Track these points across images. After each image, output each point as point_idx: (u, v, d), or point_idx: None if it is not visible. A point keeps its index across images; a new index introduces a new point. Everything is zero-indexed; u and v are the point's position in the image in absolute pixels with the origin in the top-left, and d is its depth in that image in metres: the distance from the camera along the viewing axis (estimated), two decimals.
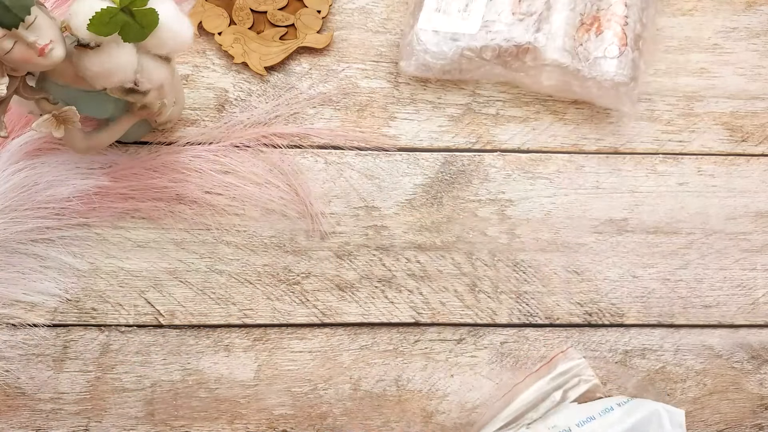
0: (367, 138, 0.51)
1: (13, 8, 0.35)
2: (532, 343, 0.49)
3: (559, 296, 0.49)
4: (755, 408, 0.49)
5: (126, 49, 0.39)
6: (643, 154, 0.52)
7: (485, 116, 0.52)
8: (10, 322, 0.48)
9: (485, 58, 0.50)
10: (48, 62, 0.38)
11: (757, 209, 0.51)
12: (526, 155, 0.52)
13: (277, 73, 0.53)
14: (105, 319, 0.48)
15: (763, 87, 0.53)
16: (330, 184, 0.51)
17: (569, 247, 0.50)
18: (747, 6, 0.54)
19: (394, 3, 0.54)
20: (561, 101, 0.52)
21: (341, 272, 0.49)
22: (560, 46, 0.49)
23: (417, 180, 0.51)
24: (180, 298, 0.49)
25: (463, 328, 0.49)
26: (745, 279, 0.50)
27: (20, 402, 0.47)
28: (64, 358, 0.48)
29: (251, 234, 0.50)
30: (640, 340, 0.49)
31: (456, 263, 0.50)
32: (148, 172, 0.49)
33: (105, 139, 0.46)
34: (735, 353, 0.49)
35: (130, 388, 0.48)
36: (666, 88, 0.53)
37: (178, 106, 0.49)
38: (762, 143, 0.52)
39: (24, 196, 0.48)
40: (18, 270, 0.48)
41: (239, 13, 0.53)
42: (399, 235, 0.50)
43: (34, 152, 0.49)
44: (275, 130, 0.51)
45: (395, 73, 0.53)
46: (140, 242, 0.49)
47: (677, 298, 0.50)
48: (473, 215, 0.50)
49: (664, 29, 0.54)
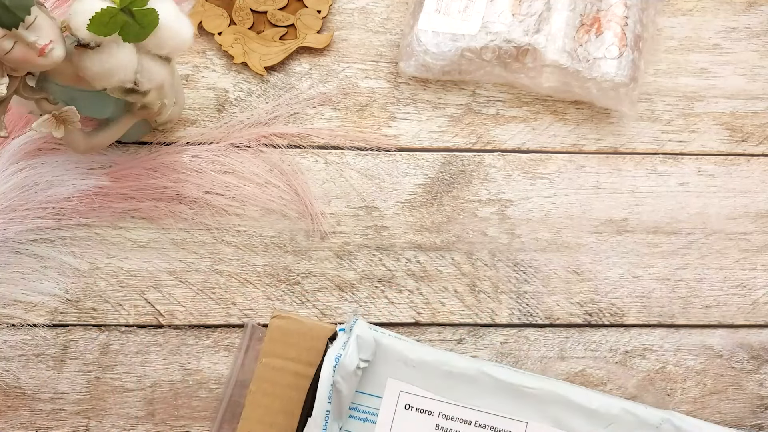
0: (367, 138, 0.51)
1: (13, 8, 0.35)
2: (532, 343, 0.49)
3: (559, 296, 0.49)
4: (755, 408, 0.49)
5: (126, 49, 0.39)
6: (643, 154, 0.52)
7: (485, 116, 0.52)
8: (10, 322, 0.48)
9: (485, 59, 0.50)
10: (48, 62, 0.38)
11: (757, 209, 0.51)
12: (526, 155, 0.52)
13: (277, 73, 0.53)
14: (105, 319, 0.48)
15: (763, 87, 0.53)
16: (330, 184, 0.51)
17: (569, 247, 0.50)
18: (747, 6, 0.54)
19: (394, 3, 0.54)
20: (561, 101, 0.52)
21: (341, 272, 0.49)
22: (560, 47, 0.49)
23: (417, 180, 0.51)
24: (180, 298, 0.49)
25: (463, 328, 0.49)
26: (745, 279, 0.50)
27: (20, 402, 0.47)
28: (64, 358, 0.48)
29: (251, 234, 0.50)
30: (640, 340, 0.49)
31: (456, 263, 0.50)
32: (148, 172, 0.49)
33: (105, 139, 0.46)
34: (735, 353, 0.49)
35: (130, 388, 0.48)
36: (666, 88, 0.53)
37: (178, 106, 0.49)
38: (762, 143, 0.52)
39: (24, 196, 0.48)
40: (18, 270, 0.48)
41: (239, 13, 0.53)
42: (399, 235, 0.50)
43: (34, 152, 0.49)
44: (275, 130, 0.51)
45: (395, 73, 0.53)
46: (140, 242, 0.49)
47: (677, 298, 0.50)
48: (473, 215, 0.50)
49: (664, 29, 0.54)
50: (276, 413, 0.43)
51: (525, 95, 0.52)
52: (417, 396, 0.43)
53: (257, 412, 0.43)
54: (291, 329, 0.44)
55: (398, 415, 0.43)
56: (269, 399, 0.43)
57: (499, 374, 0.43)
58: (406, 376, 0.43)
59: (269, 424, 0.43)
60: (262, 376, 0.44)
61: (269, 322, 0.44)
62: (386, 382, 0.43)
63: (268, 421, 0.43)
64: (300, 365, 0.44)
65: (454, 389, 0.43)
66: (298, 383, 0.43)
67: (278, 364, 0.44)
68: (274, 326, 0.44)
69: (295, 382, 0.43)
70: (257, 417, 0.43)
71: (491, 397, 0.42)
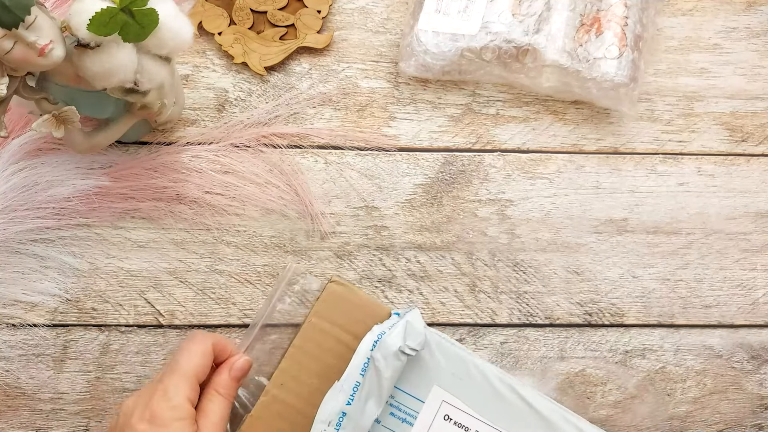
0: (367, 138, 0.51)
1: (13, 8, 0.35)
2: (532, 343, 0.49)
3: (559, 296, 0.49)
4: (755, 408, 0.49)
5: (126, 49, 0.39)
6: (643, 154, 0.52)
7: (485, 116, 0.52)
8: (10, 322, 0.48)
9: (485, 59, 0.50)
10: (48, 62, 0.38)
11: (757, 209, 0.51)
12: (526, 155, 0.52)
13: (277, 73, 0.53)
14: (105, 319, 0.48)
15: (763, 87, 0.53)
16: (330, 184, 0.51)
17: (569, 247, 0.50)
18: (747, 6, 0.54)
19: (394, 3, 0.54)
20: (561, 101, 0.52)
21: (341, 272, 0.49)
22: (560, 47, 0.49)
23: (417, 180, 0.51)
24: (180, 298, 0.49)
25: (463, 328, 0.49)
26: (745, 279, 0.50)
27: (20, 402, 0.47)
28: (64, 358, 0.48)
29: (251, 234, 0.50)
30: (640, 340, 0.49)
31: (456, 263, 0.50)
32: (148, 172, 0.49)
33: (105, 139, 0.45)
34: (735, 353, 0.49)
35: (130, 388, 0.48)
36: (666, 88, 0.53)
37: (178, 106, 0.49)
38: (762, 143, 0.52)
39: (24, 196, 0.48)
40: (18, 270, 0.48)
41: (239, 13, 0.53)
42: (399, 235, 0.50)
43: (34, 152, 0.49)
44: (275, 130, 0.51)
45: (395, 73, 0.53)
46: (140, 242, 0.49)
47: (677, 298, 0.50)
48: (473, 215, 0.50)
49: (664, 29, 0.54)
50: (311, 374, 0.44)
51: (525, 95, 0.52)
52: (458, 409, 0.43)
53: (294, 368, 0.44)
54: (346, 297, 0.45)
55: (436, 424, 0.43)
56: (308, 359, 0.44)
57: (541, 407, 0.43)
58: (452, 387, 0.43)
59: (302, 383, 0.44)
60: (307, 335, 0.44)
61: (326, 286, 0.45)
62: (431, 388, 0.43)
63: (303, 380, 0.44)
64: (346, 334, 0.44)
65: (495, 411, 0.43)
66: (340, 351, 0.44)
67: (326, 327, 0.44)
68: (330, 290, 0.45)
69: (337, 349, 0.44)
70: (293, 373, 0.44)
71: (527, 428, 0.43)
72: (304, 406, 0.43)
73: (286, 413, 0.43)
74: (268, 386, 0.44)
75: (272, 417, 0.43)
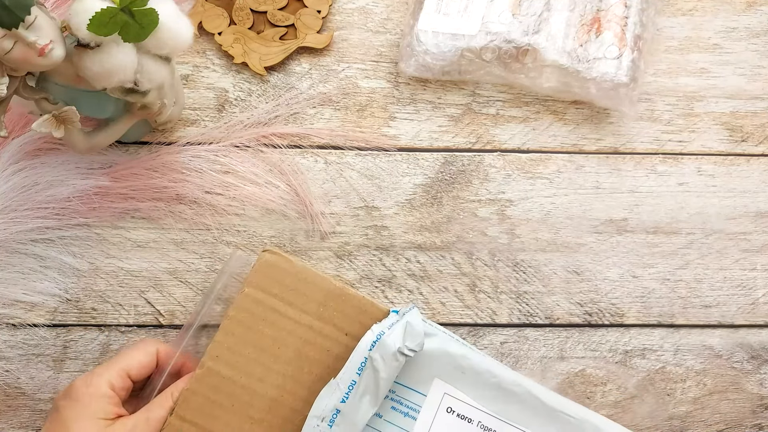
0: (367, 138, 0.51)
1: (13, 8, 0.35)
2: (532, 343, 0.49)
3: (559, 296, 0.49)
4: (755, 408, 0.49)
5: (126, 49, 0.39)
6: (643, 154, 0.52)
7: (485, 116, 0.52)
8: (10, 322, 0.48)
9: (485, 59, 0.50)
10: (48, 62, 0.38)
11: (757, 209, 0.51)
12: (526, 155, 0.52)
13: (277, 73, 0.53)
14: (105, 319, 0.48)
15: (763, 87, 0.53)
16: (330, 184, 0.51)
17: (569, 247, 0.50)
18: (747, 6, 0.54)
19: (394, 3, 0.54)
20: (561, 101, 0.52)
21: (341, 272, 0.49)
22: (560, 47, 0.49)
23: (417, 180, 0.51)
24: (180, 298, 0.49)
25: (463, 328, 0.49)
26: (745, 279, 0.50)
27: (20, 402, 0.47)
28: (64, 358, 0.48)
29: (251, 234, 0.50)
30: (640, 340, 0.49)
31: (456, 263, 0.50)
32: (148, 172, 0.49)
33: (105, 139, 0.45)
34: (735, 353, 0.49)
35: None
36: (666, 88, 0.53)
37: (178, 106, 0.49)
38: (762, 143, 0.52)
39: (24, 196, 0.48)
40: (18, 270, 0.48)
41: (239, 13, 0.53)
42: (399, 235, 0.50)
43: (34, 152, 0.49)
44: (275, 130, 0.51)
45: (395, 73, 0.53)
46: (140, 242, 0.49)
47: (677, 298, 0.50)
48: (473, 215, 0.50)
49: (664, 29, 0.54)
50: (247, 345, 0.43)
51: (525, 95, 0.52)
52: (461, 401, 0.43)
53: (229, 339, 0.43)
54: (279, 266, 0.44)
55: (439, 417, 0.43)
56: (242, 329, 0.43)
57: (544, 397, 0.43)
58: (454, 380, 0.43)
59: (238, 354, 0.43)
60: (241, 306, 0.44)
61: (259, 255, 0.44)
62: (432, 382, 0.43)
63: (238, 351, 0.43)
64: (280, 303, 0.44)
65: (499, 402, 0.43)
66: (275, 320, 0.44)
67: (260, 296, 0.44)
68: (262, 260, 0.44)
69: (271, 318, 0.44)
70: (228, 344, 0.43)
71: (532, 417, 0.43)
72: (240, 377, 0.43)
73: (222, 385, 0.43)
74: (203, 359, 0.43)
75: (208, 389, 0.43)
